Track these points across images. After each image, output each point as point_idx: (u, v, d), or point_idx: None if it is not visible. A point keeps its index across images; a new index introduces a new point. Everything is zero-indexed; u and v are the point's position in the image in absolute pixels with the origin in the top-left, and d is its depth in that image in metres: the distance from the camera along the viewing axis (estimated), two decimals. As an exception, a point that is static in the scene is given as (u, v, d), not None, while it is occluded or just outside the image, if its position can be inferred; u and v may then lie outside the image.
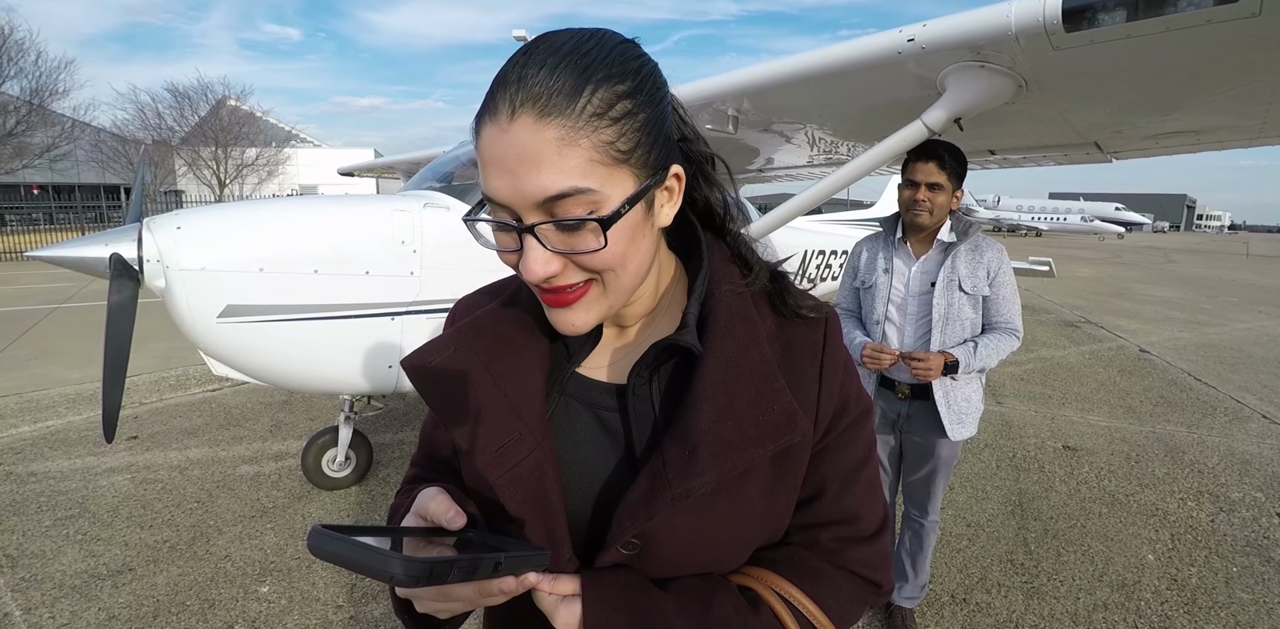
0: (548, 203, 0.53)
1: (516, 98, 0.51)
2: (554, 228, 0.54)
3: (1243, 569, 2.84)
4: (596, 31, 0.57)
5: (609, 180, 0.54)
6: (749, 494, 0.63)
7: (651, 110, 0.56)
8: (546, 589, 0.58)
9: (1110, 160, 3.12)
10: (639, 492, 0.61)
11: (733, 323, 0.65)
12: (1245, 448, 4.31)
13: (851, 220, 8.82)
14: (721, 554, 0.65)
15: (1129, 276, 17.22)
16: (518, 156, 0.52)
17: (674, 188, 0.62)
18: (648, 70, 0.57)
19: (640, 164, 0.56)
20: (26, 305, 9.16)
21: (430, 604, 0.58)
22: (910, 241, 2.20)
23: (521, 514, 0.62)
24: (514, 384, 0.65)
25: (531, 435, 0.63)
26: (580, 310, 0.60)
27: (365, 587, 2.58)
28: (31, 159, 21.90)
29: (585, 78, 0.52)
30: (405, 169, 7.43)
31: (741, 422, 0.60)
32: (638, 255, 0.59)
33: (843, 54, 2.09)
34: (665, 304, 0.70)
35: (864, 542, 0.69)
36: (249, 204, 3.01)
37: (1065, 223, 45.60)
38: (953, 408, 2.12)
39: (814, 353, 0.67)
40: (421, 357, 0.69)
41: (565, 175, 0.52)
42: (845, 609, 0.67)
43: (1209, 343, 7.98)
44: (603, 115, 0.52)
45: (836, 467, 0.69)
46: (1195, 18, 1.48)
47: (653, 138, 0.56)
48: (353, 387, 2.94)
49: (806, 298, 0.70)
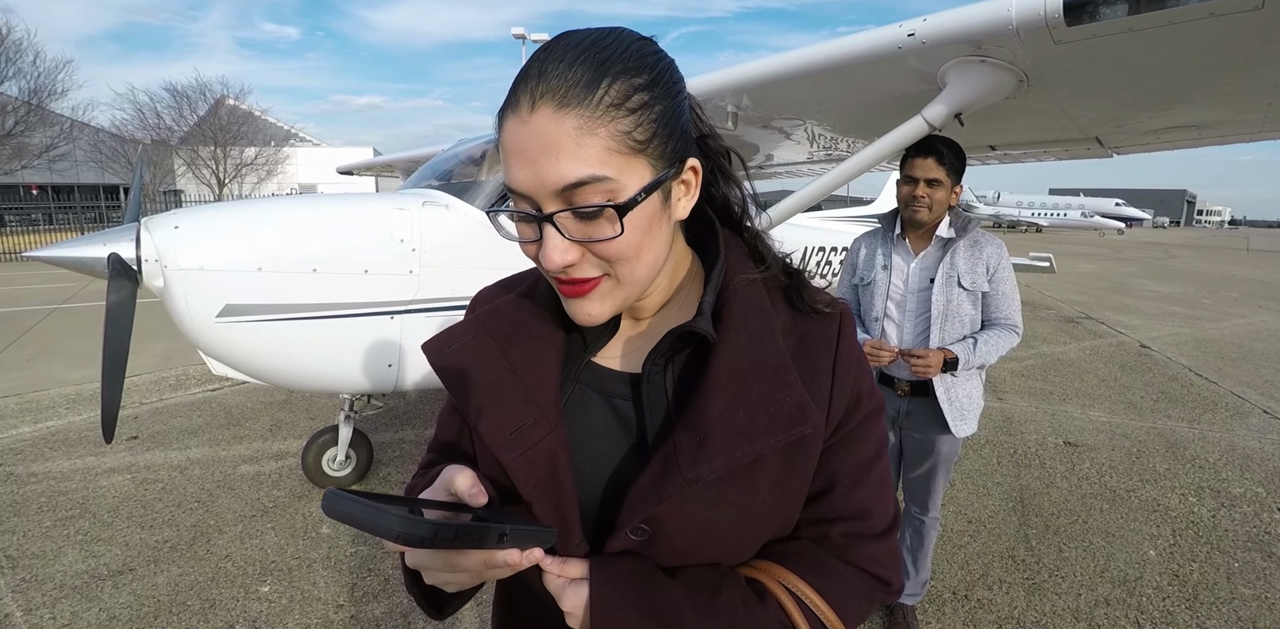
0: (566, 191, 0.54)
1: (537, 90, 0.53)
2: (572, 216, 0.56)
3: (1244, 564, 2.83)
4: (614, 29, 0.59)
5: (626, 169, 0.55)
6: (759, 485, 0.64)
7: (668, 103, 0.58)
8: (556, 572, 0.60)
9: (1111, 155, 3.11)
10: (649, 476, 0.62)
11: (747, 314, 0.66)
12: (1246, 443, 4.31)
13: (852, 217, 8.80)
14: (730, 545, 0.65)
15: (1129, 272, 17.21)
16: (538, 146, 0.53)
17: (691, 181, 0.63)
18: (664, 65, 0.59)
19: (657, 155, 0.57)
20: (26, 306, 9.15)
21: (437, 575, 0.58)
22: (909, 238, 2.19)
23: (534, 497, 0.64)
24: (529, 370, 0.67)
25: (546, 420, 0.65)
26: (595, 301, 0.61)
27: (366, 586, 2.58)
28: (30, 159, 21.89)
29: (603, 70, 0.54)
30: (404, 167, 7.42)
31: (753, 411, 0.61)
32: (653, 246, 0.60)
33: (842, 49, 2.08)
34: (681, 296, 0.72)
35: (874, 538, 0.70)
36: (247, 203, 3.00)
37: (1065, 219, 45.62)
38: (954, 404, 2.11)
39: (828, 348, 0.67)
40: (440, 342, 0.72)
41: (583, 163, 0.53)
42: (853, 606, 0.67)
43: (1210, 338, 7.97)
44: (620, 106, 0.54)
45: (848, 462, 0.69)
46: (1198, 11, 1.47)
47: (669, 130, 0.58)
48: (352, 386, 2.94)
49: (821, 294, 0.72)
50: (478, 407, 0.66)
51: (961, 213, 2.15)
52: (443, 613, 0.71)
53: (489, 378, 0.67)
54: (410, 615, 2.39)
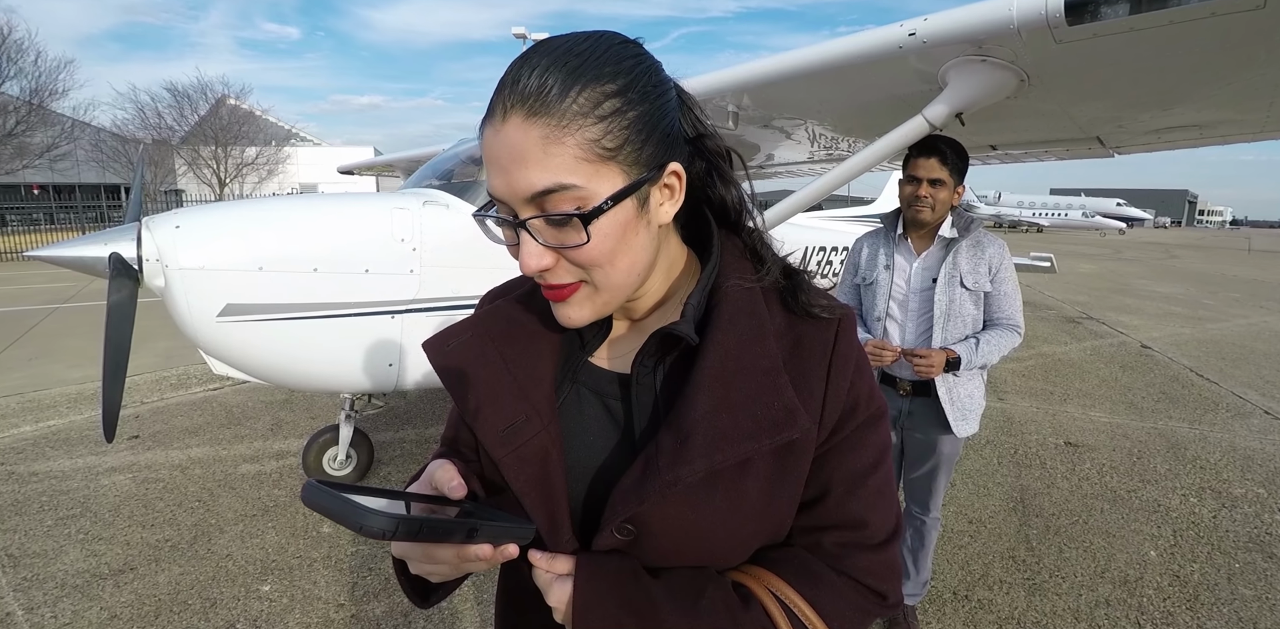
0: (536, 198, 0.55)
1: (509, 100, 0.54)
2: (544, 223, 0.57)
3: (1245, 565, 2.83)
4: (595, 33, 0.59)
5: (595, 176, 0.55)
6: (746, 489, 0.63)
7: (644, 108, 0.57)
8: (544, 567, 0.62)
9: (1112, 155, 3.11)
10: (632, 477, 0.62)
11: (736, 317, 0.65)
12: (1247, 444, 4.30)
13: (852, 216, 8.80)
14: (717, 548, 0.65)
15: (1130, 272, 17.19)
16: (509, 155, 0.54)
17: (674, 185, 0.63)
18: (642, 69, 0.58)
19: (630, 161, 0.57)
20: (27, 305, 9.16)
21: (419, 566, 0.60)
22: (911, 238, 2.19)
23: (525, 493, 0.65)
24: (524, 368, 0.68)
25: (538, 417, 0.66)
26: (574, 305, 0.62)
27: (367, 585, 2.58)
28: (32, 159, 21.86)
29: (574, 78, 0.54)
30: (405, 167, 7.42)
31: (737, 414, 0.61)
32: (629, 253, 0.60)
33: (843, 49, 2.07)
34: (676, 298, 0.71)
35: (870, 549, 0.68)
36: (248, 203, 3.00)
37: (1066, 219, 45.53)
38: (956, 404, 2.11)
39: (823, 351, 0.66)
40: (440, 340, 0.73)
41: (550, 172, 0.54)
42: (844, 616, 0.65)
43: (1211, 338, 7.97)
44: (588, 114, 0.54)
45: (843, 469, 0.67)
46: (1199, 11, 1.47)
47: (644, 135, 0.57)
48: (353, 385, 2.94)
49: (821, 297, 0.70)
50: (473, 404, 0.68)
51: (964, 213, 2.15)
52: (427, 602, 0.73)
53: (484, 375, 0.68)
54: (411, 614, 2.40)
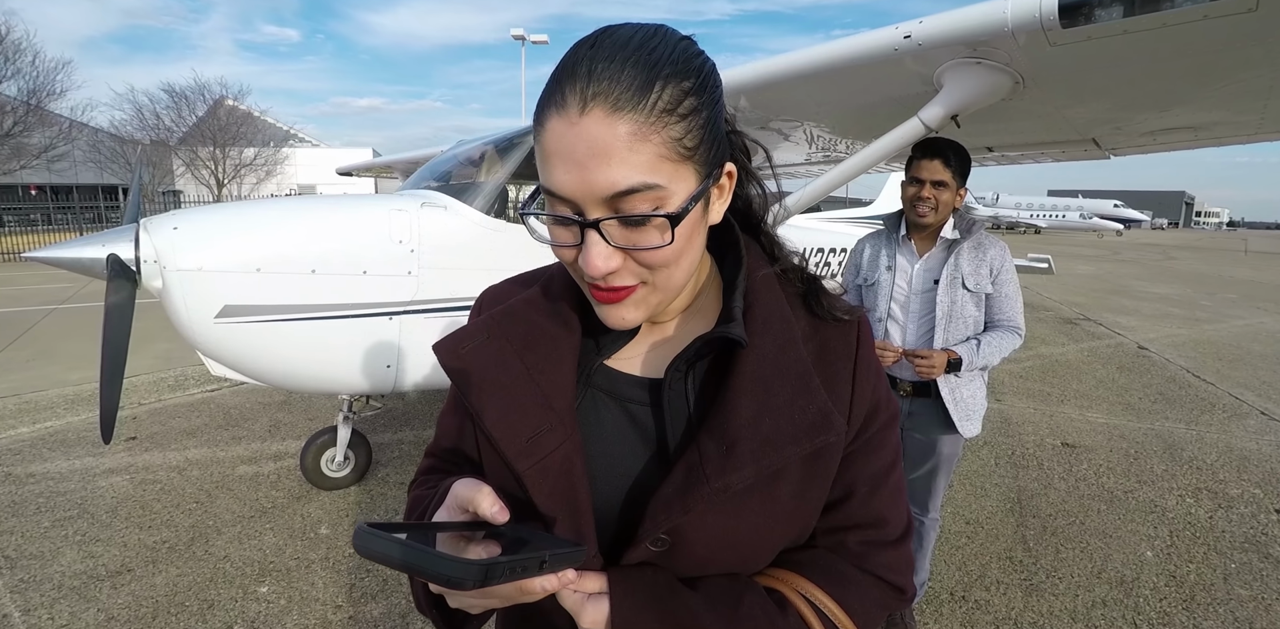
0: (615, 198, 0.52)
1: (588, 91, 0.50)
2: (618, 224, 0.54)
3: (1241, 566, 2.84)
4: (659, 27, 0.56)
5: (675, 177, 0.54)
6: (780, 494, 0.63)
7: (713, 108, 0.56)
8: (573, 586, 0.57)
9: (1108, 157, 3.12)
10: (673, 485, 0.60)
11: (770, 320, 0.64)
12: (1244, 444, 4.31)
13: (850, 218, 8.81)
14: (749, 554, 0.65)
15: (1128, 274, 17.23)
16: (588, 150, 0.51)
17: (725, 185, 0.62)
18: (709, 68, 0.57)
19: (702, 161, 0.56)
20: (25, 306, 9.14)
21: (467, 600, 0.57)
22: (914, 239, 2.19)
23: (548, 507, 0.61)
24: (546, 375, 0.64)
25: (562, 426, 0.63)
26: (630, 307, 0.59)
27: (364, 586, 2.58)
28: (29, 160, 21.84)
29: (654, 73, 0.51)
30: (403, 168, 7.43)
31: (779, 419, 0.60)
32: (691, 253, 0.60)
33: (840, 51, 2.09)
34: (701, 301, 0.70)
35: (889, 546, 0.69)
36: (246, 204, 3.01)
37: (1064, 220, 45.62)
38: (960, 405, 2.12)
39: (848, 355, 0.67)
40: (453, 342, 0.68)
41: (635, 170, 0.51)
42: (869, 613, 0.66)
43: (1208, 339, 7.98)
44: (672, 112, 0.52)
45: (866, 469, 0.68)
46: (1192, 13, 1.48)
47: (713, 135, 0.56)
48: (351, 386, 2.94)
49: (840, 301, 0.70)
50: (493, 411, 0.63)
51: (966, 215, 2.16)
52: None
53: (505, 381, 0.64)
54: (409, 616, 2.39)
